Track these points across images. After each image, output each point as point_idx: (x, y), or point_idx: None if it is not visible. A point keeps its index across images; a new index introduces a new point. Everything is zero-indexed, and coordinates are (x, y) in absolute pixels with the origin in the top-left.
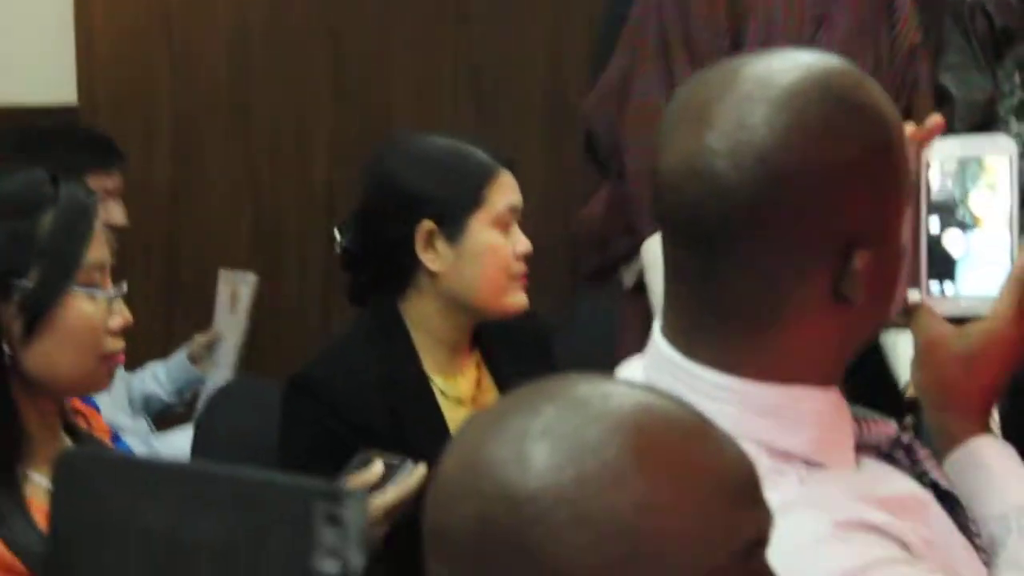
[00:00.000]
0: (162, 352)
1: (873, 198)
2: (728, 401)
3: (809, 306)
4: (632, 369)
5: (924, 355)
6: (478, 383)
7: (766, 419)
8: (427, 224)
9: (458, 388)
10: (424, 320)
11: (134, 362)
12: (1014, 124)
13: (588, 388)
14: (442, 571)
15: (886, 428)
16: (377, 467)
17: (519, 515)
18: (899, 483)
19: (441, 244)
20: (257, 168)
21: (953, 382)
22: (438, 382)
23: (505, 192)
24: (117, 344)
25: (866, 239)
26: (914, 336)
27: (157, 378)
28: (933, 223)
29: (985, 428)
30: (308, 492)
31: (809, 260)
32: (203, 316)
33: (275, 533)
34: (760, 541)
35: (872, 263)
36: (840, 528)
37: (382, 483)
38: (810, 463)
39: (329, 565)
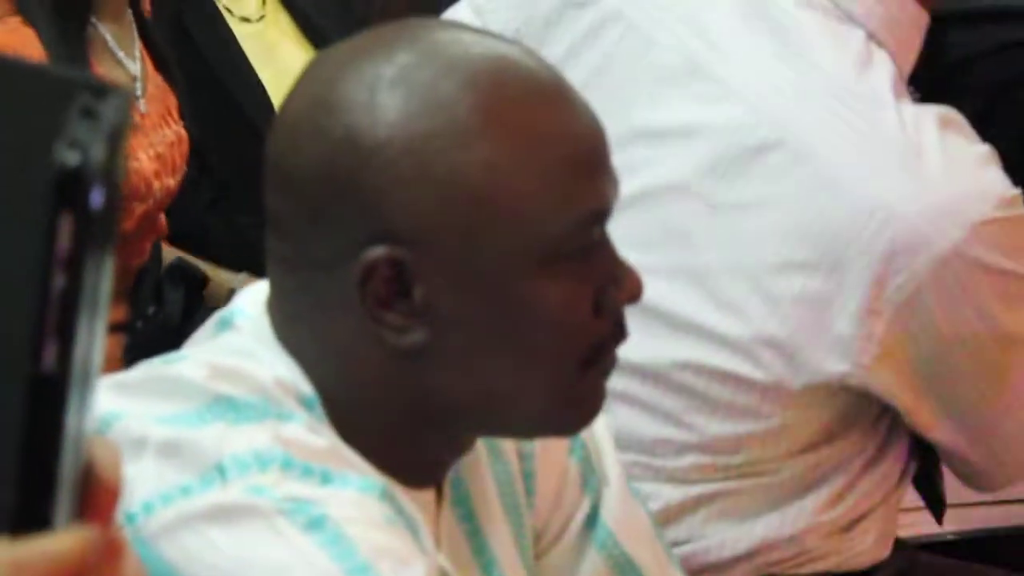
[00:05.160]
0: None
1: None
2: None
3: None
4: None
5: None
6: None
7: None
8: None
9: (243, 7)
10: None
11: None
12: None
13: (449, 37)
14: (283, 206)
15: None
16: None
17: (365, 163)
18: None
19: None
20: None
21: None
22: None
23: None
24: None
25: None
26: None
27: None
28: None
29: None
30: (69, 81)
31: None
32: None
33: (17, 121)
34: (602, 212)
35: None
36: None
37: None
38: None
39: (70, 156)
